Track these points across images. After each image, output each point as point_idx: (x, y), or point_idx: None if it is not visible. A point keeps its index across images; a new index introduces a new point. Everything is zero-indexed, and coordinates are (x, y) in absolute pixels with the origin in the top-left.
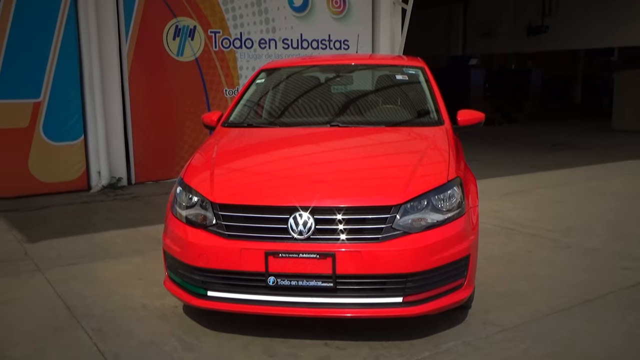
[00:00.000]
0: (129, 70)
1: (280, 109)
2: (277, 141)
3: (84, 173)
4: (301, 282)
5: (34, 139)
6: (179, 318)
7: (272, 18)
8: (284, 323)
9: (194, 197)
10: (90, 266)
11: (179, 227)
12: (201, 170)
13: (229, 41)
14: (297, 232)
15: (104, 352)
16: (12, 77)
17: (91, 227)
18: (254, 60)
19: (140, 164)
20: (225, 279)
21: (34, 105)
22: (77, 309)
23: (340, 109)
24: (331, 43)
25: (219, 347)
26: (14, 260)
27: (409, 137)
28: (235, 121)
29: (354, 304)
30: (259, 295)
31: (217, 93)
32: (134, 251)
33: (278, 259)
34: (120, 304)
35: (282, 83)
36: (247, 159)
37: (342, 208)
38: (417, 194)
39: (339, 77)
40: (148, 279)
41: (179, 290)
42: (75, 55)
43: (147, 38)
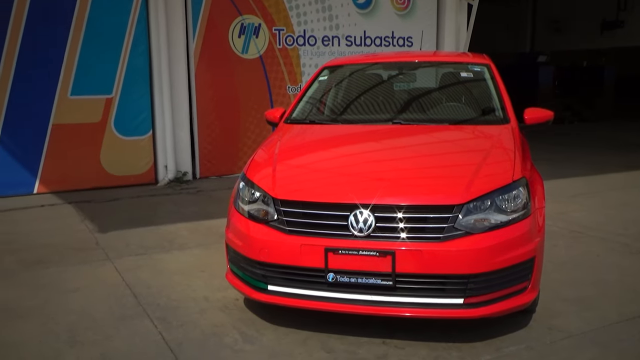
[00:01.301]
0: (195, 67)
1: (343, 106)
2: (339, 138)
3: (152, 167)
4: (360, 280)
5: (106, 133)
6: (240, 311)
7: (335, 15)
8: (341, 319)
9: (256, 192)
10: (156, 257)
11: (241, 222)
12: (263, 166)
13: (292, 39)
14: (357, 229)
15: (168, 341)
16: (86, 74)
17: (157, 220)
18: (317, 57)
19: (204, 159)
20: (285, 274)
21: (106, 100)
22: (144, 297)
23: (403, 106)
24: (394, 40)
25: (278, 341)
26: (85, 249)
27: (473, 136)
28: (298, 118)
29: (413, 304)
30: (318, 291)
31: (280, 90)
32: (198, 244)
33: (338, 255)
34: (183, 294)
35: (345, 80)
36: (309, 155)
37: (402, 206)
38: (481, 193)
39: (402, 74)
40: (210, 271)
41: (240, 284)
42: (145, 53)
43: (213, 36)
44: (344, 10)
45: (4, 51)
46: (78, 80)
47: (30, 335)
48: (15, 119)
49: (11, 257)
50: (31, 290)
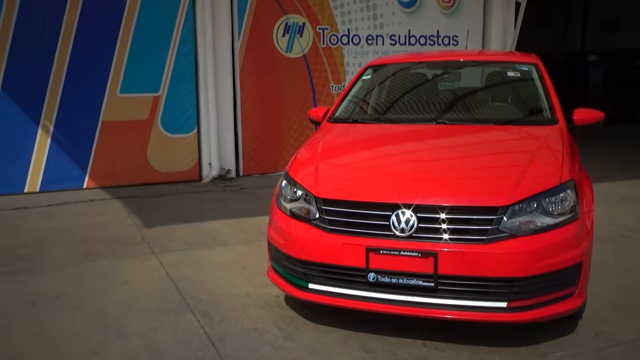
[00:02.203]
0: (240, 66)
1: (386, 105)
2: (382, 137)
3: (196, 164)
4: (401, 280)
5: (153, 130)
6: (281, 308)
7: (380, 14)
8: (381, 320)
9: (298, 190)
10: (199, 252)
11: (283, 220)
12: (306, 164)
13: (336, 37)
14: (399, 229)
15: (210, 335)
16: (135, 73)
17: (201, 216)
18: (360, 56)
19: (248, 157)
20: (326, 273)
21: (153, 99)
22: (187, 292)
23: (447, 106)
24: (440, 39)
25: (318, 339)
26: (132, 243)
27: (519, 136)
28: (341, 117)
29: (455, 306)
30: (358, 290)
31: (324, 89)
32: (240, 240)
33: (379, 255)
34: (225, 290)
35: (389, 79)
36: (352, 154)
37: (445, 207)
38: (527, 195)
39: (447, 73)
40: (252, 268)
41: (281, 281)
42: (191, 52)
43: (258, 35)
44: (388, 9)
45: (57, 51)
46: (127, 79)
47: (79, 326)
48: (67, 115)
49: (63, 249)
50: (81, 281)
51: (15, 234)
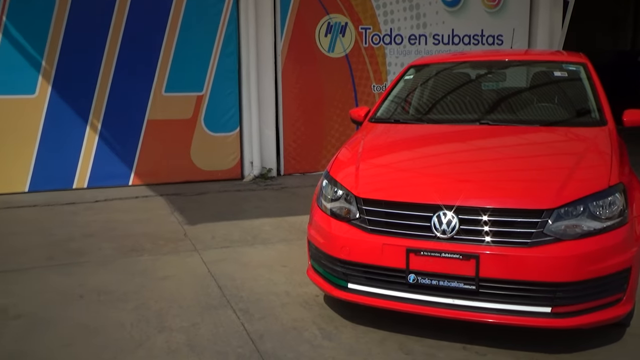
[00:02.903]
0: (282, 66)
1: (428, 105)
2: (424, 138)
3: (238, 163)
4: (442, 282)
5: (196, 129)
6: (320, 307)
7: (423, 13)
8: (420, 321)
9: (339, 190)
10: (240, 250)
11: (323, 219)
12: (347, 164)
13: (379, 37)
14: (441, 231)
15: (250, 332)
16: (180, 72)
17: (242, 214)
18: (403, 56)
19: (289, 156)
20: (365, 273)
21: (197, 98)
22: (228, 289)
23: (491, 106)
24: (484, 38)
25: (356, 339)
26: (175, 239)
27: (566, 138)
28: (383, 117)
29: (497, 310)
30: (398, 291)
31: (365, 89)
32: (280, 239)
33: (419, 256)
34: (265, 288)
35: (431, 79)
36: (393, 154)
37: (488, 209)
38: (573, 199)
39: (491, 73)
40: (292, 267)
41: (321, 280)
42: (235, 52)
43: (300, 35)
44: (431, 9)
45: (105, 51)
46: (172, 78)
47: (124, 318)
48: (114, 114)
49: (110, 244)
50: (126, 275)
51: (65, 228)
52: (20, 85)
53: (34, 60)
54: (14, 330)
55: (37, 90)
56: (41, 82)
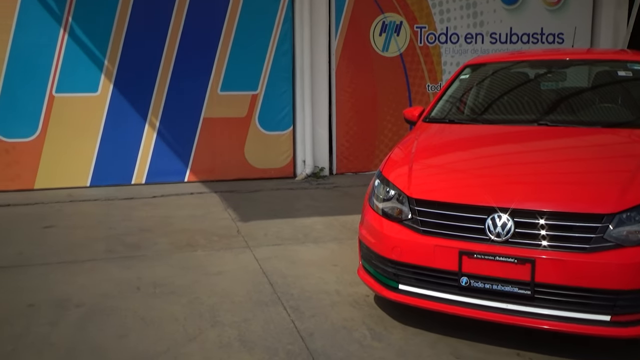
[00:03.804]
0: (336, 65)
1: (484, 105)
2: (479, 138)
3: (291, 161)
4: (495, 286)
5: (250, 127)
6: (370, 307)
7: (480, 12)
8: (472, 325)
9: (391, 190)
10: (291, 248)
11: (375, 219)
12: (400, 164)
13: (434, 36)
14: (495, 233)
15: (300, 330)
16: (235, 71)
17: (294, 212)
18: (458, 55)
19: (341, 156)
20: (416, 274)
21: (251, 97)
22: (279, 286)
23: (550, 107)
24: (543, 37)
25: (406, 340)
26: (228, 236)
27: (629, 140)
28: (437, 117)
29: (553, 316)
30: (449, 294)
31: (420, 88)
32: (332, 238)
33: (472, 259)
34: (316, 286)
35: (488, 79)
36: (447, 155)
37: (545, 212)
38: (636, 203)
39: (551, 73)
40: (342, 266)
41: (372, 280)
42: (289, 51)
43: (355, 34)
44: (489, 7)
45: (165, 50)
46: (227, 77)
47: (178, 312)
48: (171, 112)
49: (166, 238)
50: (181, 270)
51: (124, 222)
52: (84, 83)
53: (97, 59)
54: (74, 318)
55: (100, 88)
56: (103, 81)
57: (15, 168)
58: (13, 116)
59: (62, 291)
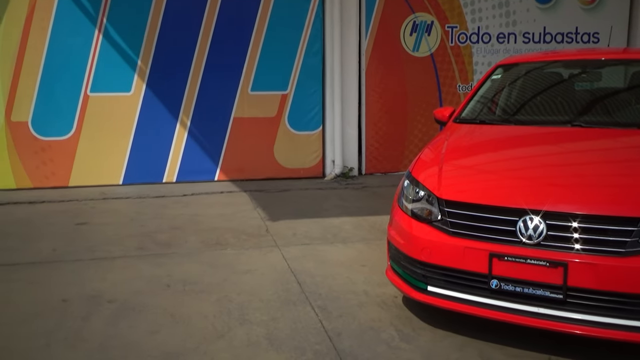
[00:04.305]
0: (366, 65)
1: (516, 106)
2: (510, 139)
3: (320, 161)
4: (526, 290)
5: (280, 127)
6: (398, 308)
7: (512, 11)
8: (501, 328)
9: (420, 191)
10: (320, 248)
11: (404, 220)
12: (430, 165)
13: (465, 36)
14: (526, 236)
15: (328, 329)
16: (265, 71)
17: (323, 212)
18: (490, 55)
19: (370, 156)
20: (446, 276)
21: (281, 97)
22: (307, 285)
23: (584, 107)
24: (578, 36)
25: (434, 342)
26: (257, 235)
27: None
28: (468, 117)
29: (586, 321)
30: (479, 297)
31: (450, 88)
32: (360, 238)
33: (503, 262)
34: (344, 287)
35: (520, 79)
36: (477, 156)
37: (578, 215)
38: None
39: (585, 73)
40: (371, 267)
41: (400, 281)
42: (319, 51)
43: (385, 34)
44: (522, 6)
45: (196, 50)
46: (258, 77)
47: (207, 309)
48: (202, 112)
49: (196, 236)
50: (211, 268)
51: (155, 220)
52: (118, 83)
53: (130, 59)
54: (106, 314)
55: (133, 88)
56: (136, 81)
57: (51, 166)
58: (49, 115)
59: (95, 287)
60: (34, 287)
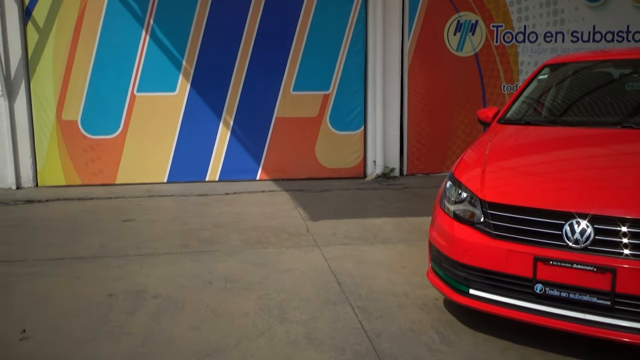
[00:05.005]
0: (408, 65)
1: (563, 106)
2: (557, 141)
3: (361, 161)
4: (572, 295)
5: (321, 127)
6: (439, 310)
7: (560, 9)
8: (544, 333)
9: (463, 192)
10: (360, 248)
11: (446, 221)
12: (473, 166)
13: (511, 35)
14: (573, 240)
15: (367, 330)
16: (308, 71)
17: (364, 212)
18: (537, 55)
19: (412, 156)
20: (488, 279)
21: (323, 97)
22: (347, 286)
23: (635, 108)
24: (630, 35)
25: (475, 346)
26: (297, 234)
27: None
28: (512, 118)
29: (635, 329)
30: (523, 301)
31: (495, 89)
32: (401, 239)
33: (548, 266)
34: (384, 287)
35: (568, 79)
36: (522, 158)
37: (627, 219)
38: None
39: (637, 73)
40: (411, 268)
41: (441, 284)
42: (362, 52)
43: (428, 34)
44: (570, 4)
45: (239, 51)
46: (300, 77)
47: (248, 307)
48: (245, 111)
49: (238, 235)
50: (252, 266)
51: (198, 218)
52: (163, 83)
53: (175, 59)
54: (150, 308)
55: (178, 88)
56: (181, 81)
57: (99, 163)
58: (97, 114)
59: (140, 282)
60: (81, 282)
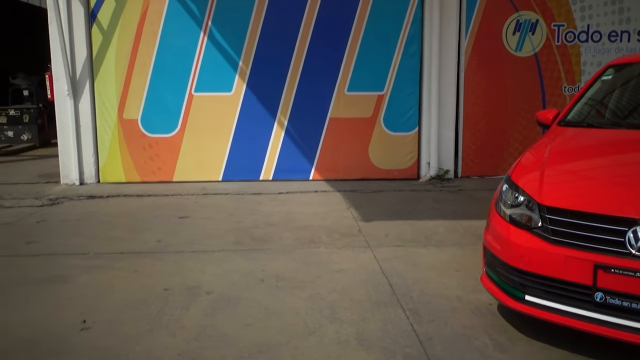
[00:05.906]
0: (465, 66)
1: (629, 108)
2: (620, 144)
3: (415, 163)
4: (635, 305)
5: (375, 128)
6: (492, 316)
7: (627, 7)
8: (605, 344)
9: (520, 196)
10: (412, 250)
11: (501, 225)
12: (531, 169)
13: (573, 35)
14: (636, 248)
15: (419, 333)
16: (362, 72)
17: (417, 214)
18: (600, 55)
19: (467, 158)
20: (545, 285)
21: (377, 97)
22: (398, 287)
23: None
24: None
25: (531, 355)
26: (349, 234)
27: None
28: (574, 120)
29: None
30: (582, 309)
31: (555, 90)
32: (454, 242)
33: (609, 274)
34: (436, 290)
35: (633, 80)
36: (583, 161)
37: None
38: None
39: None
40: (465, 272)
41: (495, 289)
42: (417, 52)
43: (486, 34)
44: (637, 2)
45: (295, 51)
46: (354, 78)
47: (299, 305)
48: (299, 112)
49: (290, 234)
50: (304, 265)
51: (251, 216)
52: (220, 83)
53: (232, 60)
54: (204, 304)
55: (234, 88)
56: (237, 81)
57: (157, 161)
58: (156, 113)
59: (194, 278)
60: (139, 276)
